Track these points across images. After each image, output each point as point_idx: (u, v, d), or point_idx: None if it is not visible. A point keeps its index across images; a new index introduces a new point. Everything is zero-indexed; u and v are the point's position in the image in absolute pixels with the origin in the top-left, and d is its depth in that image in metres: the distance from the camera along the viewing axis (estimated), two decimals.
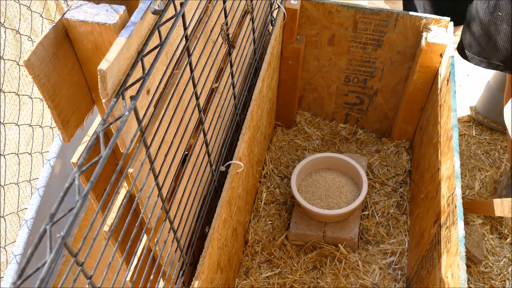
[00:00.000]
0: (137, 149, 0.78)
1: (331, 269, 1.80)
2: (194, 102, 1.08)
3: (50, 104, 0.74)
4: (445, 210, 1.36)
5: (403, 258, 1.83)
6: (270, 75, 1.80)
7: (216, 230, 1.24)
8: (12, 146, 2.04)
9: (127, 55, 0.72)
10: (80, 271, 0.62)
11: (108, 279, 1.79)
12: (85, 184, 0.81)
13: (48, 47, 0.71)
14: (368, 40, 1.92)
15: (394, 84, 2.04)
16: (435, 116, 1.70)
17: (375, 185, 2.04)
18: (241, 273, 1.81)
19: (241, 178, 1.52)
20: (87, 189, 0.59)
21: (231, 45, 1.31)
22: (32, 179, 1.82)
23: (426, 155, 1.78)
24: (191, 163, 1.13)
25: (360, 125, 2.26)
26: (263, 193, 2.01)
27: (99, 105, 0.86)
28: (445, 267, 1.27)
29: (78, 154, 0.85)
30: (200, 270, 1.16)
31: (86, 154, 0.61)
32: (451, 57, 1.65)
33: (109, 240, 0.78)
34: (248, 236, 1.89)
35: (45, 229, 0.53)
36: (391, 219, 1.94)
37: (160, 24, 0.77)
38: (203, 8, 1.06)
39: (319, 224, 1.85)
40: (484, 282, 1.81)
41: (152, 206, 0.93)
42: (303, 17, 1.91)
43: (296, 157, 2.15)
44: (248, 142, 1.54)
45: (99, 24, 0.71)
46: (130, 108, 0.69)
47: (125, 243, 1.00)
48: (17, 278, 0.50)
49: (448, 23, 1.78)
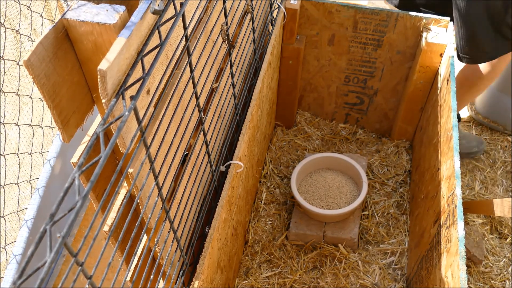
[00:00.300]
0: (137, 149, 0.79)
1: (331, 269, 1.80)
2: (194, 102, 1.08)
3: (50, 104, 0.74)
4: (445, 210, 1.36)
5: (403, 258, 1.83)
6: (270, 75, 1.80)
7: (216, 230, 1.24)
8: (12, 146, 2.04)
9: (127, 55, 0.72)
10: (80, 271, 0.62)
11: (108, 279, 1.79)
12: (85, 184, 0.81)
13: (48, 47, 0.71)
14: (368, 40, 1.92)
15: (394, 84, 2.05)
16: (435, 116, 1.70)
17: (375, 185, 2.04)
18: (241, 273, 1.81)
19: (241, 178, 1.52)
20: (87, 189, 0.59)
21: (231, 45, 1.31)
22: (32, 179, 1.82)
23: (426, 155, 1.78)
24: (191, 163, 1.13)
25: (360, 125, 2.26)
26: (263, 193, 2.01)
27: (99, 105, 0.86)
28: (445, 267, 1.27)
29: (78, 154, 0.85)
30: (200, 270, 1.16)
31: (86, 154, 0.61)
32: (451, 57, 1.65)
33: (109, 240, 0.78)
34: (248, 236, 1.89)
35: (45, 229, 0.53)
36: (391, 219, 1.94)
37: (160, 24, 0.77)
38: (203, 8, 1.06)
39: (319, 224, 1.85)
40: (484, 282, 1.81)
41: (152, 206, 0.93)
42: (303, 17, 1.91)
43: (296, 157, 2.15)
44: (248, 142, 1.54)
45: (99, 24, 0.71)
46: (130, 108, 0.69)
47: (125, 243, 1.00)
48: (17, 278, 0.50)
49: (448, 23, 1.78)
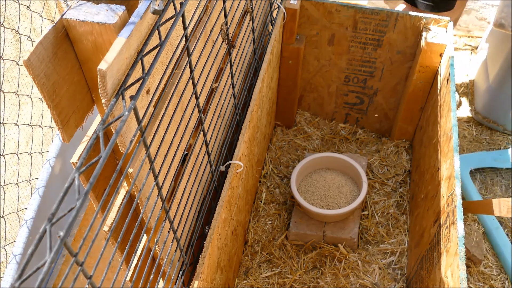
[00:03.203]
0: (137, 149, 0.78)
1: (331, 269, 1.80)
2: (194, 102, 1.08)
3: (50, 104, 0.74)
4: (445, 210, 1.36)
5: (403, 258, 1.83)
6: (270, 75, 1.80)
7: (216, 230, 1.24)
8: (12, 146, 2.04)
9: (127, 55, 0.72)
10: (80, 271, 0.62)
11: (108, 279, 1.79)
12: (85, 184, 0.81)
13: (48, 47, 0.71)
14: (368, 40, 1.92)
15: (394, 84, 2.04)
16: (435, 116, 1.70)
17: (375, 185, 2.04)
18: (241, 273, 1.81)
19: (241, 178, 1.52)
20: (87, 189, 0.59)
21: (231, 45, 1.31)
22: (32, 179, 1.82)
23: (426, 155, 1.78)
24: (191, 163, 1.13)
25: (360, 125, 2.26)
26: (263, 193, 2.01)
27: (99, 105, 0.86)
28: (445, 267, 1.27)
29: (78, 154, 0.85)
30: (200, 270, 1.16)
31: (86, 154, 0.61)
32: (451, 57, 1.65)
33: (109, 240, 0.78)
34: (248, 236, 1.89)
35: (45, 229, 0.53)
36: (391, 219, 1.94)
37: (160, 24, 0.77)
38: (203, 8, 1.05)
39: (319, 224, 1.85)
40: (484, 282, 1.81)
41: (152, 206, 0.93)
42: (303, 17, 1.91)
43: (296, 157, 2.15)
44: (248, 142, 1.54)
45: (99, 24, 0.71)
46: (130, 108, 0.69)
47: (125, 243, 1.00)
48: (17, 278, 0.50)
49: (448, 23, 1.78)
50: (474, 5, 2.73)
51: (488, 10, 2.73)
